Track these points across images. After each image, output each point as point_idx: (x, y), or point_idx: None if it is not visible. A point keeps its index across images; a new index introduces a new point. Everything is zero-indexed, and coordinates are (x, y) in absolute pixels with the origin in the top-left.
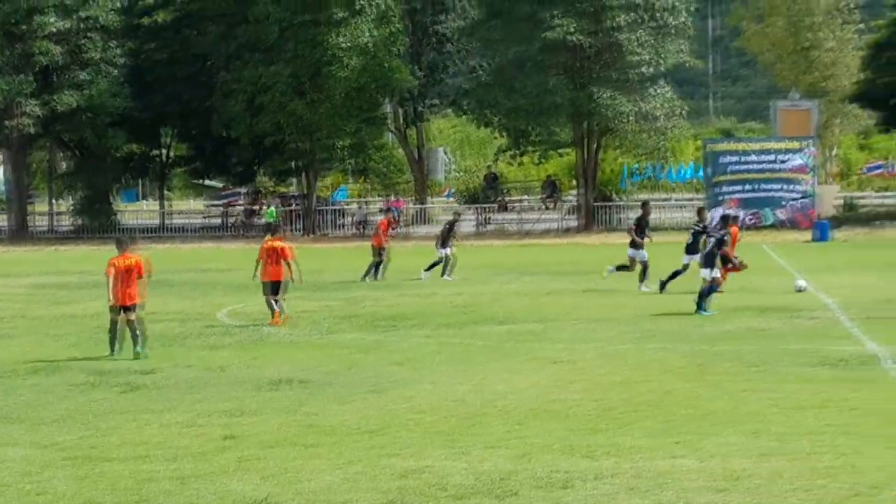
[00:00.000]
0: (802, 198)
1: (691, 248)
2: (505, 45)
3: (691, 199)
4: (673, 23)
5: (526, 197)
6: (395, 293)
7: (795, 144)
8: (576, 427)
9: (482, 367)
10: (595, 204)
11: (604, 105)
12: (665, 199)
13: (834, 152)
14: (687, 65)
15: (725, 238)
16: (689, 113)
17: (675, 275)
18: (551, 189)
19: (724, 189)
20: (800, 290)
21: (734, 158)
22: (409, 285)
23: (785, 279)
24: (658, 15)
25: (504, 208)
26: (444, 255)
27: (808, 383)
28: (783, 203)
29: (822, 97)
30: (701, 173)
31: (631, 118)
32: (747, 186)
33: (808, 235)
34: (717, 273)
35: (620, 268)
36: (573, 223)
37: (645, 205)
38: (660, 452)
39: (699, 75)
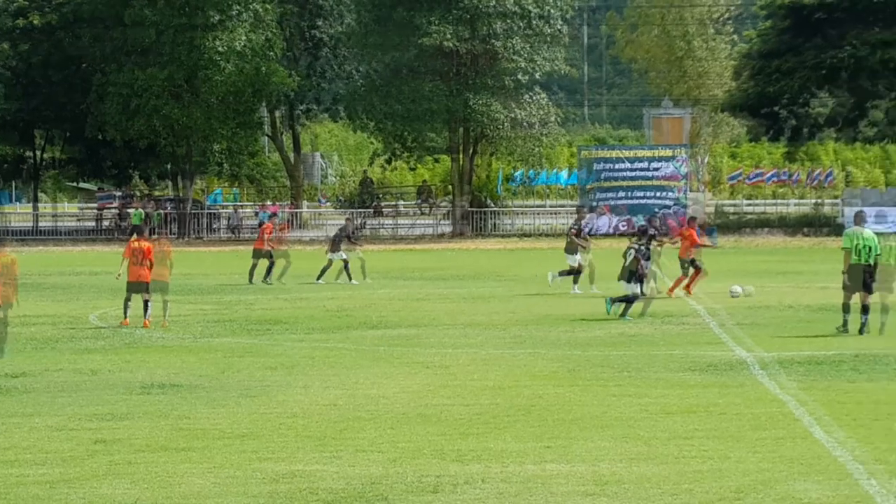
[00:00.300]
0: (674, 205)
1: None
2: (381, 50)
3: (565, 206)
4: (548, 30)
5: (401, 202)
6: (270, 297)
7: (668, 152)
8: (447, 432)
9: (355, 372)
10: (470, 209)
11: (479, 111)
12: (540, 206)
13: (705, 160)
14: (562, 72)
15: (651, 252)
16: (564, 120)
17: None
18: (426, 194)
19: (598, 196)
20: (735, 296)
21: (608, 165)
22: (283, 290)
23: (659, 285)
24: (534, 23)
25: (379, 213)
26: (338, 258)
27: (676, 388)
28: (655, 210)
29: (694, 106)
30: (575, 179)
31: (506, 124)
32: (620, 193)
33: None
34: (638, 288)
35: (564, 273)
36: (448, 228)
37: (580, 210)
38: (529, 457)
39: (574, 83)
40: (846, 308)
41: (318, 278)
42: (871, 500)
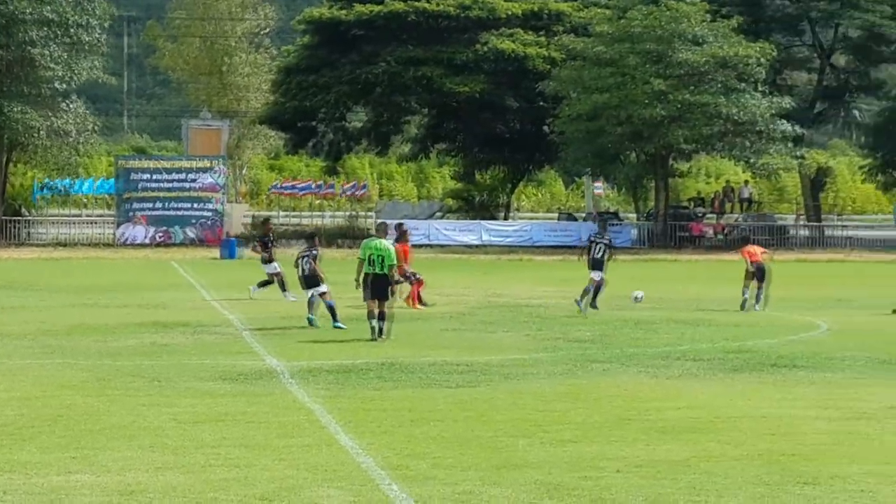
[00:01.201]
0: (213, 216)
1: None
2: None
3: (102, 215)
4: (87, 39)
5: None
6: None
7: (206, 163)
8: None
9: None
10: (3, 218)
11: (14, 119)
12: (76, 215)
13: (244, 172)
14: (101, 81)
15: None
16: (103, 129)
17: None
18: None
19: (136, 206)
20: (637, 300)
21: (145, 176)
22: None
23: (192, 294)
24: (72, 31)
25: None
26: None
27: (206, 397)
28: (193, 221)
29: (234, 118)
30: (114, 189)
31: (42, 133)
32: (158, 204)
33: (216, 252)
34: (324, 288)
35: (262, 284)
36: None
37: (265, 222)
38: (55, 468)
39: (114, 92)
40: (370, 315)
41: None
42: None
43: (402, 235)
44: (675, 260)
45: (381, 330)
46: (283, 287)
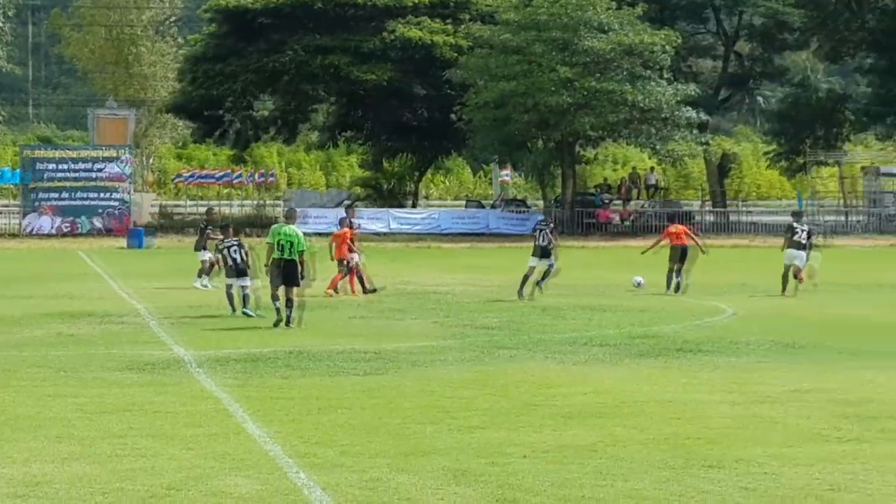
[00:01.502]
0: (119, 205)
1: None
2: None
3: (7, 205)
4: None
5: None
6: None
7: (112, 153)
8: None
9: None
10: None
11: None
12: None
13: (151, 161)
14: (5, 70)
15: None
16: (9, 119)
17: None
18: None
19: (41, 196)
20: (638, 286)
21: (51, 166)
22: None
23: (100, 284)
24: None
25: None
26: None
27: (114, 387)
28: (100, 211)
29: (141, 107)
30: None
31: None
32: (64, 194)
33: (123, 242)
34: (248, 283)
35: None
36: None
37: (209, 211)
38: None
39: (19, 81)
40: (275, 298)
41: None
42: (300, 492)
43: (344, 219)
44: (583, 246)
45: (289, 318)
46: (200, 273)
